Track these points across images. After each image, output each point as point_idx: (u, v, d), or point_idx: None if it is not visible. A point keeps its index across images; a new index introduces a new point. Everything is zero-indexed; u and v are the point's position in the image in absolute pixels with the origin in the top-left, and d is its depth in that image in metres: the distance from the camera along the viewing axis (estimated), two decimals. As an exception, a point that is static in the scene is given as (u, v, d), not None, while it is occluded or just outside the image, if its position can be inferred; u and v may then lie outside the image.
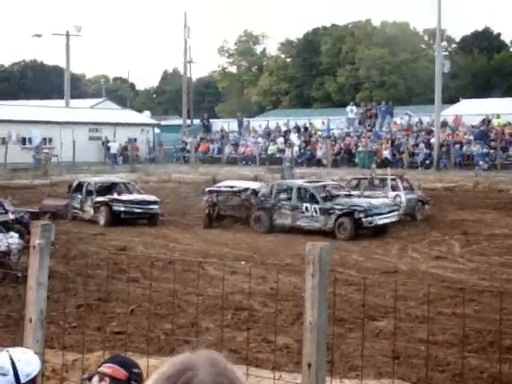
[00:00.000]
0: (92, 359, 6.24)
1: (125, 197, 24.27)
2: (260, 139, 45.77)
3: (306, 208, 21.73)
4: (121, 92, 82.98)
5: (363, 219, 20.82)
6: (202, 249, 18.99)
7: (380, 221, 21.27)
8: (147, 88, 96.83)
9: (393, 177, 24.52)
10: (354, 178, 26.53)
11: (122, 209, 23.62)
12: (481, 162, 35.79)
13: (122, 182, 26.56)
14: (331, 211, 21.22)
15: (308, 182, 23.94)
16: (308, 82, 63.84)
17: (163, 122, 57.73)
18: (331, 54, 62.30)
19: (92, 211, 24.04)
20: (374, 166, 29.40)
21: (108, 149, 48.32)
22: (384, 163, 37.54)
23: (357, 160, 39.46)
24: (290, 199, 22.42)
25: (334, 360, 8.48)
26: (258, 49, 75.79)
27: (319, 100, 63.29)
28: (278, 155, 43.60)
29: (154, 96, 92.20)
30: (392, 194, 23.30)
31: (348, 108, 45.81)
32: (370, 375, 7.58)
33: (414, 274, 15.61)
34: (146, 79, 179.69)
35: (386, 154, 39.00)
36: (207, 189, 25.33)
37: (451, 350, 9.25)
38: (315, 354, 3.85)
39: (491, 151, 36.38)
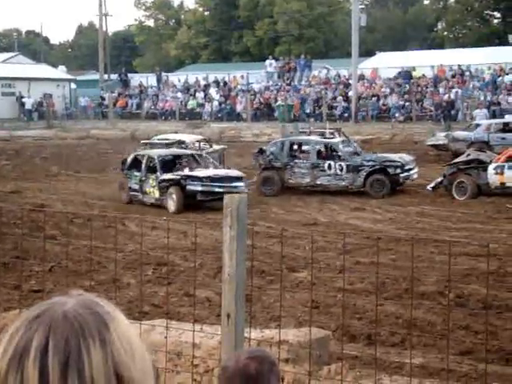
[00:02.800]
0: (8, 318, 6.15)
1: (201, 172, 18.75)
2: (179, 94, 45.35)
3: (329, 165, 20.26)
4: (34, 46, 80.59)
5: (400, 175, 19.83)
6: (123, 205, 18.81)
7: (415, 175, 20.46)
8: (62, 42, 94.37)
9: (331, 130, 24.39)
10: (291, 132, 26.37)
11: (199, 188, 18.20)
12: (397, 114, 36.45)
13: (191, 154, 20.64)
14: (361, 168, 19.93)
15: (323, 138, 22.14)
16: (227, 35, 63.32)
17: (80, 77, 56.46)
18: (249, 7, 61.83)
19: (157, 193, 18.65)
20: (312, 119, 29.24)
21: (22, 105, 47.08)
22: (303, 117, 37.84)
23: (276, 114, 39.62)
24: (307, 157, 20.78)
25: (255, 311, 8.59)
26: (176, 2, 74.74)
27: (238, 54, 62.94)
28: (197, 110, 43.36)
29: (70, 50, 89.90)
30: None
31: (267, 62, 45.76)
32: (290, 325, 7.71)
33: (333, 225, 15.88)
34: (61, 33, 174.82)
35: (305, 107, 39.25)
36: (142, 141, 25.44)
37: (369, 298, 9.49)
38: (234, 305, 3.89)
39: (407, 103, 37.06)
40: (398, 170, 19.86)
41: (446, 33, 64.27)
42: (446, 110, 35.43)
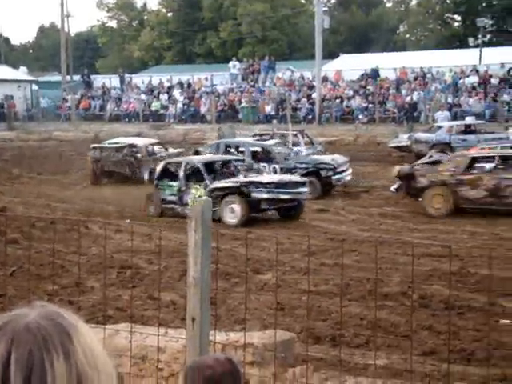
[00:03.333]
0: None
1: (264, 178, 17.14)
2: (143, 96, 45.13)
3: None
4: (-5, 47, 79.56)
5: (332, 177, 20.03)
6: (86, 207, 18.66)
7: (347, 177, 20.67)
8: (23, 43, 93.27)
9: (294, 132, 24.50)
10: (255, 134, 26.53)
11: (265, 195, 16.30)
12: (360, 116, 36.68)
13: (232, 160, 18.84)
14: (294, 170, 19.91)
15: (258, 140, 22.50)
16: (190, 37, 63.16)
17: (41, 79, 55.87)
18: (213, 8, 61.75)
19: None
20: (275, 121, 29.38)
21: (-17, 107, 46.49)
22: (267, 118, 37.94)
23: (240, 115, 39.63)
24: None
25: (220, 314, 8.58)
26: (139, 3, 74.36)
27: (202, 55, 62.82)
28: (161, 112, 43.19)
29: (31, 51, 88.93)
30: (294, 149, 22.64)
31: (231, 63, 45.75)
32: (255, 327, 7.71)
33: (297, 227, 15.91)
34: (22, 34, 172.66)
35: (269, 109, 39.33)
36: (92, 145, 25.00)
37: (333, 300, 9.53)
38: (199, 309, 3.88)
39: (370, 105, 37.32)
40: (330, 173, 20.12)
41: (407, 35, 64.87)
42: (408, 111, 35.76)
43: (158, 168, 18.32)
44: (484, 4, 57.50)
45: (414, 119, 34.91)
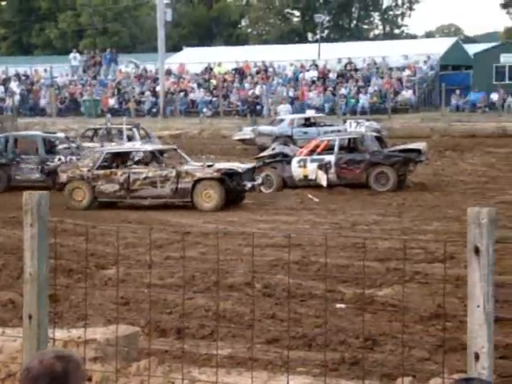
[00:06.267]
0: None
1: None
2: (-23, 87, 43.18)
3: (59, 160, 20.19)
4: None
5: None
6: None
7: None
8: None
9: (129, 126, 24.16)
10: (90, 129, 25.98)
11: None
12: (205, 109, 36.90)
13: None
14: None
15: (49, 133, 22.69)
16: (27, 27, 61.01)
17: None
18: (51, -2, 60.01)
19: None
20: (109, 115, 28.81)
21: None
22: (111, 112, 37.34)
23: (82, 109, 38.83)
24: (35, 152, 20.78)
25: (63, 311, 8.37)
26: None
27: (40, 47, 60.87)
28: (-2, 104, 41.53)
29: None
30: (128, 144, 22.37)
31: (71, 55, 44.70)
32: (99, 323, 7.58)
33: (144, 221, 15.80)
34: None
35: (112, 102, 38.78)
36: None
37: (178, 292, 9.53)
38: (36, 305, 3.76)
39: (214, 99, 37.62)
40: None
41: (249, 29, 65.86)
42: (251, 105, 36.35)
43: None
44: (321, 0, 59.36)
45: (257, 112, 35.55)
